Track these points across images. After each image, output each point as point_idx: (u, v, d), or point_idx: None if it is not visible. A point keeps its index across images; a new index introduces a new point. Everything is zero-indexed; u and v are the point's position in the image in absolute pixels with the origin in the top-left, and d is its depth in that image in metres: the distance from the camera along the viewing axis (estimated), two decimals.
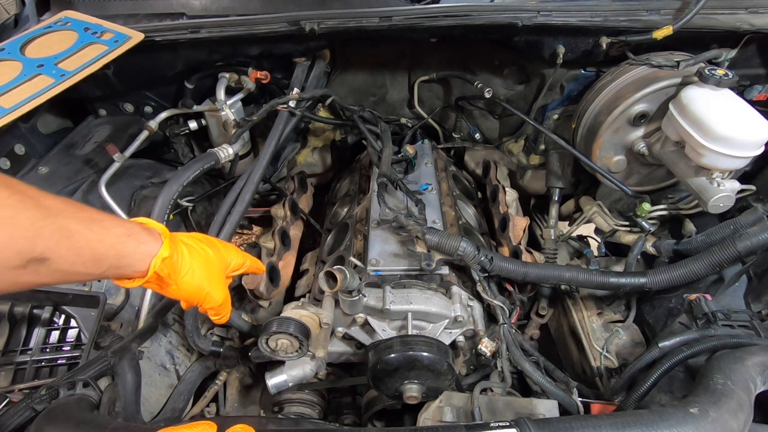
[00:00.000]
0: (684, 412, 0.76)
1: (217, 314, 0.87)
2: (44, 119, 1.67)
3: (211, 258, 0.80)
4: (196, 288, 0.78)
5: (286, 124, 1.50)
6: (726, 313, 1.14)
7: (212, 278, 0.80)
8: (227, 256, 0.85)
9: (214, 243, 0.84)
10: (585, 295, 1.49)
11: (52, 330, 1.28)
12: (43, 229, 0.57)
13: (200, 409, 1.39)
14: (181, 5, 1.63)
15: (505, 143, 1.97)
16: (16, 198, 0.55)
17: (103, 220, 0.66)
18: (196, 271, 0.77)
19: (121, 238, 0.68)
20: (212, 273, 0.80)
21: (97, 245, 0.64)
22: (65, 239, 0.60)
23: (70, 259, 0.61)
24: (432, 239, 1.21)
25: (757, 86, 1.52)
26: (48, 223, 0.57)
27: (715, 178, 1.24)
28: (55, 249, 0.58)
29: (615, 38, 1.43)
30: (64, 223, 0.60)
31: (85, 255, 0.63)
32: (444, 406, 1.11)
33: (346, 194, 1.78)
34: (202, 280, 0.78)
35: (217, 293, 0.81)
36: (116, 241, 0.67)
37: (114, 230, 0.67)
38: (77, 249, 0.61)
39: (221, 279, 0.83)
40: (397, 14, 1.42)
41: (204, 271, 0.78)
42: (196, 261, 0.77)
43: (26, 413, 0.90)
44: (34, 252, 0.56)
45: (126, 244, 0.68)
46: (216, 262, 0.81)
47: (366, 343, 1.20)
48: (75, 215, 0.62)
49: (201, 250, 0.79)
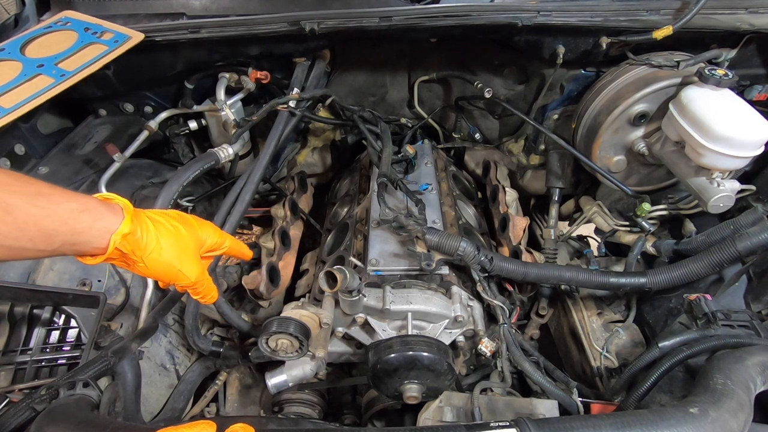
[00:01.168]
0: (684, 412, 0.76)
1: (196, 293, 0.84)
2: (44, 119, 1.68)
3: (183, 235, 0.77)
4: (165, 265, 0.74)
5: (286, 124, 1.50)
6: (726, 313, 1.14)
7: (183, 255, 0.76)
8: (202, 234, 0.82)
9: (187, 220, 0.81)
10: (585, 295, 1.49)
11: (52, 330, 1.28)
12: None
13: (200, 409, 1.39)
14: (181, 5, 1.63)
15: (505, 143, 1.97)
16: None
17: (51, 195, 0.63)
18: (165, 248, 0.73)
19: (74, 213, 0.65)
20: (183, 250, 0.76)
21: (44, 221, 0.62)
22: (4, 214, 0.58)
23: (13, 234, 0.59)
24: (432, 239, 1.21)
25: (757, 86, 1.52)
26: None
27: (715, 178, 1.24)
28: None
29: (615, 38, 1.43)
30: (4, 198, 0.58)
31: (30, 231, 0.60)
32: (444, 406, 1.11)
33: (346, 194, 1.78)
34: (172, 258, 0.74)
35: (189, 271, 0.78)
36: (68, 217, 0.64)
37: (65, 205, 0.64)
38: (19, 224, 0.59)
39: (194, 256, 0.79)
40: (397, 14, 1.42)
41: (173, 248, 0.74)
42: (165, 237, 0.74)
43: (26, 413, 0.90)
44: None
45: (80, 220, 0.65)
46: (188, 238, 0.77)
47: (366, 343, 1.20)
48: (17, 189, 0.60)
49: (170, 227, 0.76)
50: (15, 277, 1.28)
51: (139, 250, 0.71)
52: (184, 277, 0.78)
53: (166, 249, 0.74)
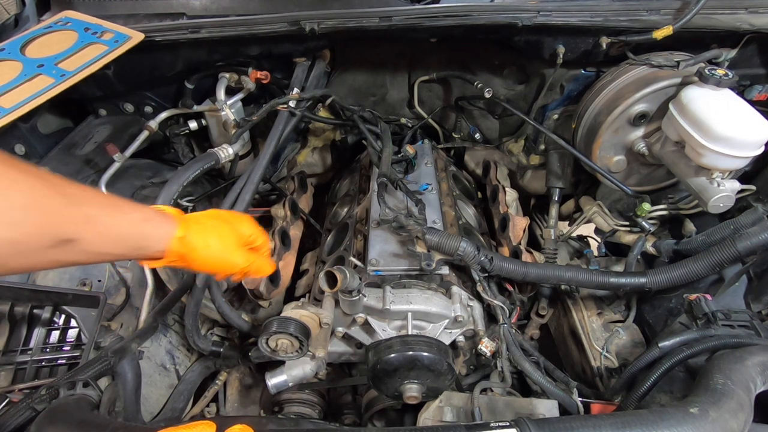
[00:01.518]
0: (684, 412, 0.76)
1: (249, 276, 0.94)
2: (44, 119, 1.67)
3: (224, 231, 0.87)
4: (215, 259, 0.85)
5: (286, 124, 1.50)
6: (726, 313, 1.14)
7: (227, 248, 0.87)
8: (240, 228, 0.92)
9: (224, 216, 0.91)
10: (585, 295, 1.49)
11: (52, 330, 1.28)
12: (69, 216, 0.65)
13: (200, 409, 1.39)
14: (181, 5, 1.63)
15: (505, 143, 1.97)
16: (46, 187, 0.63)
17: (122, 206, 0.73)
18: (211, 245, 0.84)
19: (140, 222, 0.75)
20: (227, 244, 0.87)
21: (119, 229, 0.72)
22: (89, 224, 0.67)
23: (97, 241, 0.69)
24: (432, 239, 1.21)
25: (757, 86, 1.52)
26: (73, 210, 0.65)
27: (715, 178, 1.24)
28: (81, 232, 0.66)
29: (615, 38, 1.42)
30: (87, 210, 0.67)
31: (109, 237, 0.71)
32: (444, 406, 1.11)
33: (346, 194, 1.78)
34: (219, 252, 0.85)
35: (236, 260, 0.88)
36: (136, 225, 0.74)
37: (133, 215, 0.74)
38: (101, 232, 0.69)
39: (237, 247, 0.89)
40: (397, 14, 1.42)
41: (219, 244, 0.85)
42: (210, 236, 0.84)
43: (26, 413, 0.90)
44: (63, 234, 0.63)
45: (144, 228, 0.75)
46: (229, 233, 0.88)
47: (366, 343, 1.20)
48: (98, 202, 0.70)
49: (213, 226, 0.86)
50: (15, 277, 1.28)
51: (192, 251, 0.81)
52: (233, 266, 0.88)
53: (213, 246, 0.84)
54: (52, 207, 0.63)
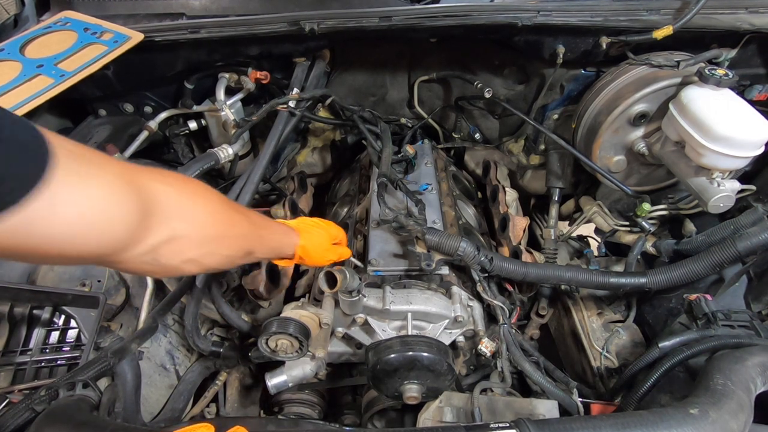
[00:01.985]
0: (684, 413, 0.76)
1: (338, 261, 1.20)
2: (44, 119, 1.67)
3: (322, 235, 1.14)
4: (321, 256, 1.12)
5: (286, 124, 1.50)
6: (726, 313, 1.14)
7: (327, 247, 1.15)
8: (330, 231, 1.18)
9: (319, 224, 1.18)
10: (585, 295, 1.49)
11: (52, 330, 1.28)
12: (255, 238, 0.92)
13: (200, 410, 1.39)
14: (181, 5, 1.63)
15: (505, 143, 1.97)
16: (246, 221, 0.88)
17: (272, 227, 1.02)
18: (317, 247, 1.11)
19: (282, 237, 1.04)
20: (324, 245, 1.14)
21: (273, 243, 1.02)
22: (262, 241, 0.96)
23: (263, 251, 0.99)
24: (432, 239, 1.21)
25: (757, 86, 1.52)
26: (256, 233, 0.93)
27: (715, 178, 1.24)
28: (257, 247, 0.93)
29: (615, 38, 1.42)
30: (261, 232, 0.95)
31: (269, 248, 1.01)
32: (444, 406, 1.11)
33: (346, 194, 1.78)
34: (323, 251, 1.13)
35: (332, 255, 1.16)
36: (281, 239, 1.04)
37: (278, 232, 1.04)
38: (266, 245, 0.99)
39: (329, 245, 1.17)
40: (397, 14, 1.42)
41: (320, 246, 1.13)
42: (316, 241, 1.12)
43: (26, 414, 0.90)
44: (249, 250, 0.90)
45: (284, 240, 1.05)
46: (326, 236, 1.16)
47: (366, 343, 1.20)
48: (264, 224, 0.98)
49: (317, 234, 1.13)
50: (15, 278, 1.28)
51: (307, 253, 1.09)
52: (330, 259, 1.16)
53: (318, 247, 1.11)
54: (249, 236, 0.89)
